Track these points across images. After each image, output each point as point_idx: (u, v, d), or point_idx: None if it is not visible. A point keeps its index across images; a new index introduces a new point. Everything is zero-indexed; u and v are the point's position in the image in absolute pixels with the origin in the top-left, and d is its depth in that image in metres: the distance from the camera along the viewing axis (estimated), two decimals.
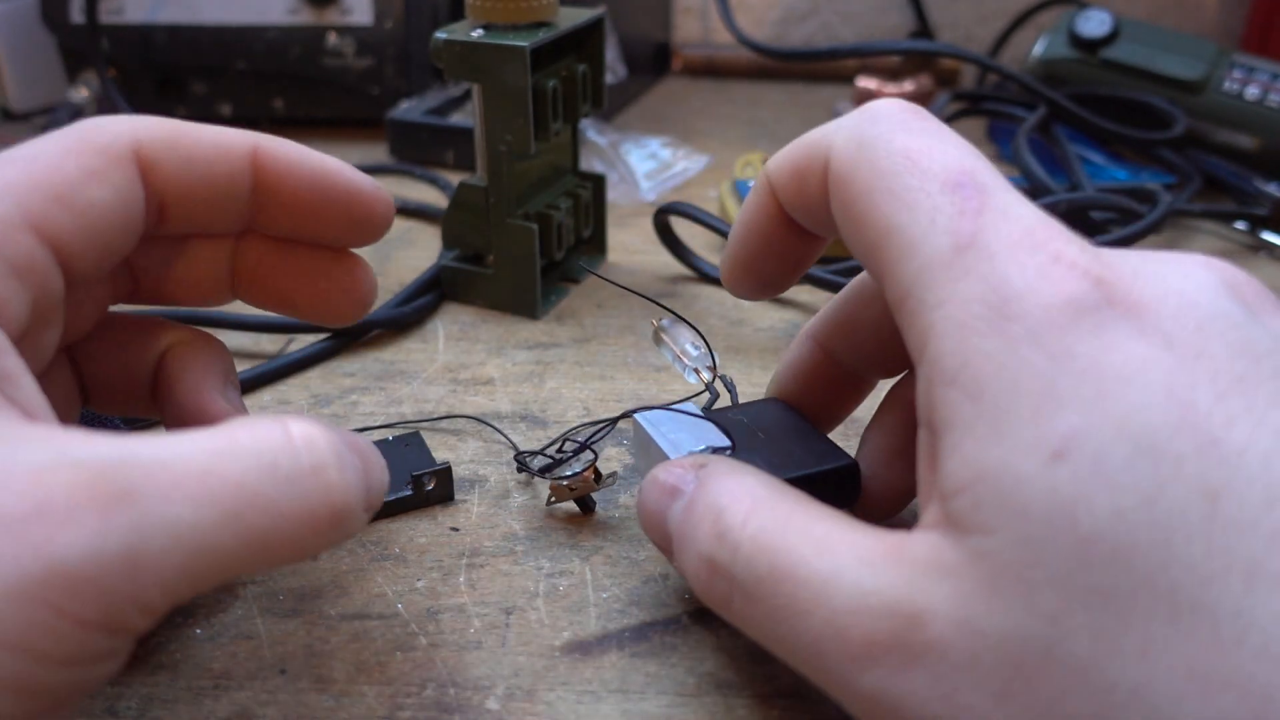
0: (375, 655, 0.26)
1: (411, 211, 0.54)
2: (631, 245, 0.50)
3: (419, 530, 0.30)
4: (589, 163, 0.57)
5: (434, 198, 0.56)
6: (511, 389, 0.37)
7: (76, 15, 0.63)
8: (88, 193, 0.23)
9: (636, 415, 0.29)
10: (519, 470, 0.32)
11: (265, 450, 0.20)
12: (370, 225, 0.28)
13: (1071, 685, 0.17)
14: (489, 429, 0.35)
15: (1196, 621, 0.16)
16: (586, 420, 0.36)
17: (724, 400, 0.31)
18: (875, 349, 0.28)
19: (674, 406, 0.29)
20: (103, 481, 0.18)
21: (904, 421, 0.28)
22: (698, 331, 0.31)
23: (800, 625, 0.20)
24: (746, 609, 0.21)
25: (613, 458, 0.34)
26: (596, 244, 0.48)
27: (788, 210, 0.25)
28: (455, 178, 0.57)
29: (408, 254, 0.49)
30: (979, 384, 0.18)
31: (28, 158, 0.23)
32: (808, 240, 0.26)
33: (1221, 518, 0.17)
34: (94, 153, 0.23)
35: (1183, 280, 0.19)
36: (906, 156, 0.21)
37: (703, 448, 0.27)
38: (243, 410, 0.28)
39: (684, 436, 0.28)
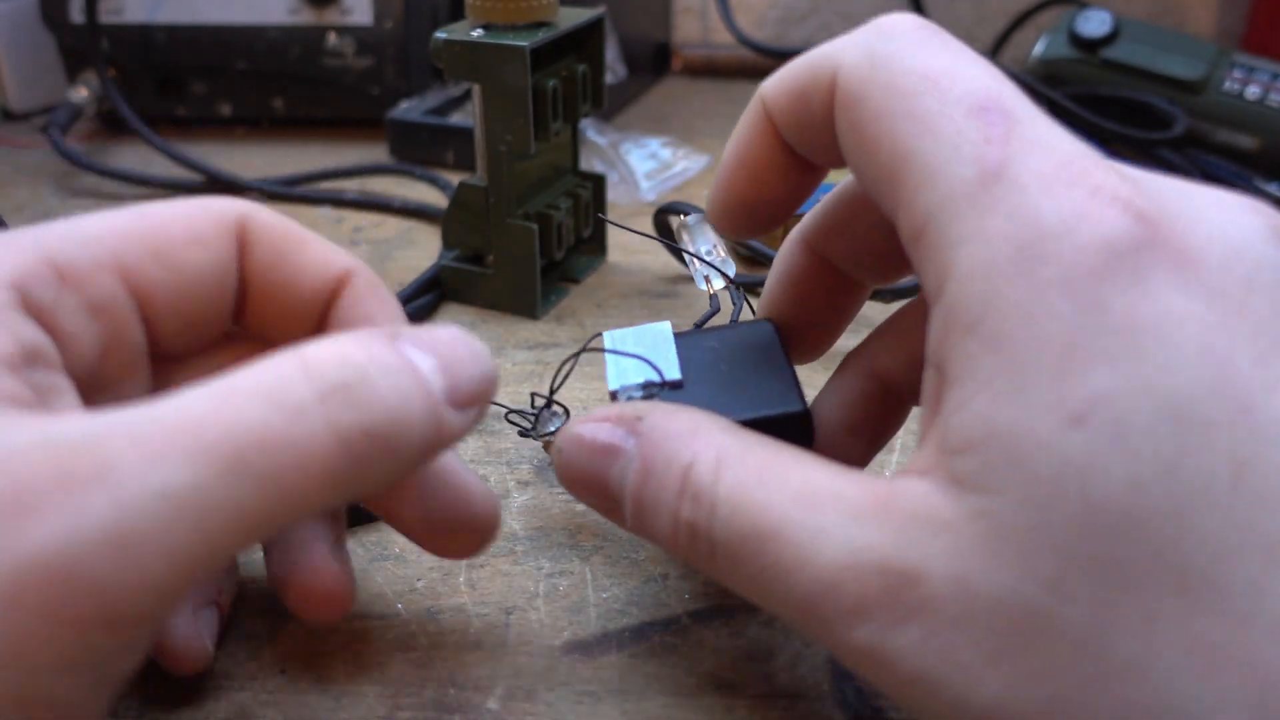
0: (375, 655, 0.26)
1: (411, 211, 0.54)
2: (631, 245, 0.50)
3: None
4: (589, 163, 0.57)
5: (434, 198, 0.56)
6: (511, 389, 0.37)
7: (76, 15, 0.63)
8: (185, 254, 0.23)
9: (604, 334, 0.27)
10: (521, 435, 0.31)
11: (269, 385, 0.18)
12: None
13: (1067, 652, 0.16)
14: (489, 429, 0.35)
15: (1206, 597, 0.16)
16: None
17: (723, 316, 0.29)
18: (874, 251, 0.25)
19: (648, 325, 0.27)
20: (75, 459, 0.16)
21: (863, 394, 0.26)
22: (722, 239, 0.29)
23: (789, 583, 0.19)
24: (731, 568, 0.20)
25: None
26: (596, 244, 0.48)
27: (785, 137, 0.23)
28: (455, 178, 0.57)
29: (408, 254, 0.49)
30: (1001, 335, 0.17)
31: (141, 211, 0.23)
32: (805, 171, 0.24)
33: (1246, 491, 0.16)
34: (202, 218, 0.23)
35: (1230, 224, 0.18)
36: (925, 76, 0.19)
37: (641, 380, 0.25)
38: None
39: (635, 365, 0.25)
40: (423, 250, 0.50)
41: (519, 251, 0.42)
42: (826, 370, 0.28)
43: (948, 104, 0.19)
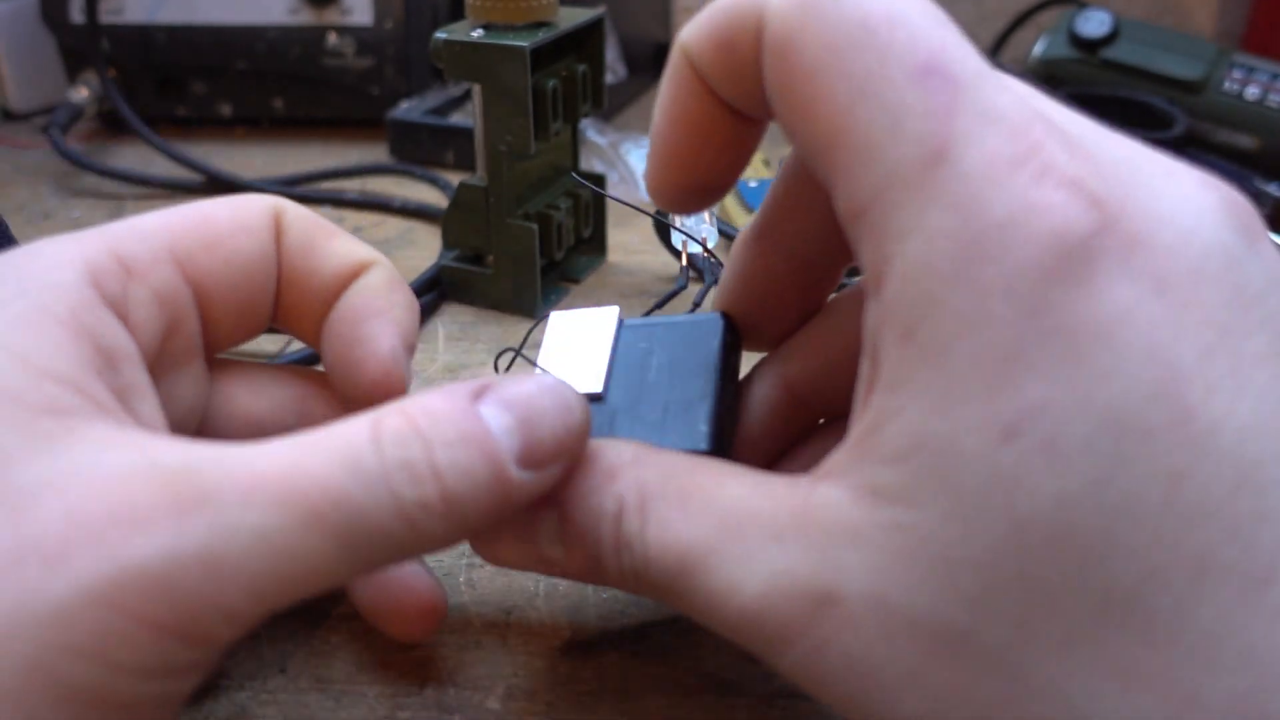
0: (375, 655, 0.26)
1: (411, 211, 0.54)
2: (631, 245, 0.50)
3: None
4: (589, 163, 0.57)
5: (434, 198, 0.56)
6: None
7: (76, 15, 0.63)
8: (235, 242, 0.23)
9: (551, 316, 0.27)
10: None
11: (349, 449, 0.18)
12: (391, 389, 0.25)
13: (985, 672, 0.16)
14: None
15: (1128, 617, 0.16)
16: None
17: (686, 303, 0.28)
18: (831, 231, 0.22)
19: (597, 310, 0.26)
20: (180, 483, 0.17)
21: (773, 404, 0.25)
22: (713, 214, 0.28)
23: (723, 614, 0.19)
24: (677, 605, 0.20)
25: None
26: (596, 244, 0.48)
27: (715, 90, 0.21)
28: (455, 178, 0.57)
29: (408, 254, 0.49)
30: (937, 345, 0.16)
31: (191, 206, 0.24)
32: (745, 125, 0.21)
33: (1180, 504, 0.15)
34: (243, 208, 0.24)
35: (1183, 203, 0.17)
36: (864, 27, 0.17)
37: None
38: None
39: (564, 363, 0.25)
40: (423, 250, 0.50)
41: (519, 251, 0.42)
42: None
43: (888, 64, 0.17)
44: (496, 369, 0.27)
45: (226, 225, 0.23)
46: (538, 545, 0.21)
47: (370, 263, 0.25)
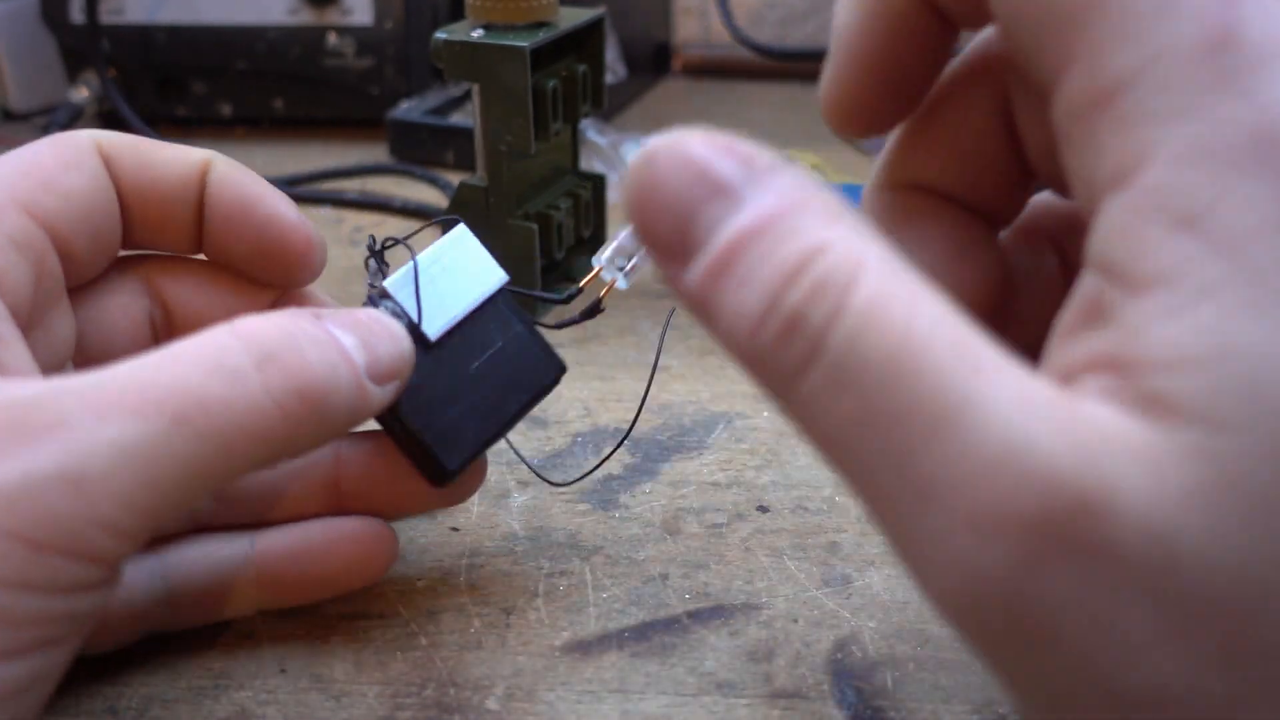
0: (375, 655, 0.26)
1: (411, 211, 0.54)
2: None
3: (419, 530, 0.30)
4: (589, 163, 0.57)
5: (434, 198, 0.56)
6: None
7: (77, 15, 0.63)
8: (67, 180, 0.24)
9: (460, 229, 0.27)
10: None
11: (208, 352, 0.20)
12: (295, 259, 0.26)
13: None
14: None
15: None
16: (586, 421, 0.36)
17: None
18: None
19: (491, 262, 0.27)
20: (33, 413, 0.18)
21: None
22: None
23: (908, 449, 0.14)
24: (828, 396, 0.15)
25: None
26: (597, 244, 0.48)
27: None
28: (455, 178, 0.57)
29: (408, 254, 0.49)
30: (1235, 236, 0.14)
31: (10, 156, 0.24)
32: (943, 30, 0.19)
33: None
34: (65, 146, 0.24)
35: None
36: None
37: (405, 308, 0.25)
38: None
39: (425, 284, 0.25)
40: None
41: (519, 251, 0.42)
42: None
43: None
44: (371, 251, 0.27)
45: (56, 165, 0.24)
46: (693, 221, 0.17)
47: (209, 158, 0.26)
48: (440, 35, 0.40)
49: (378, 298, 0.25)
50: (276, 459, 0.21)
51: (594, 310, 0.28)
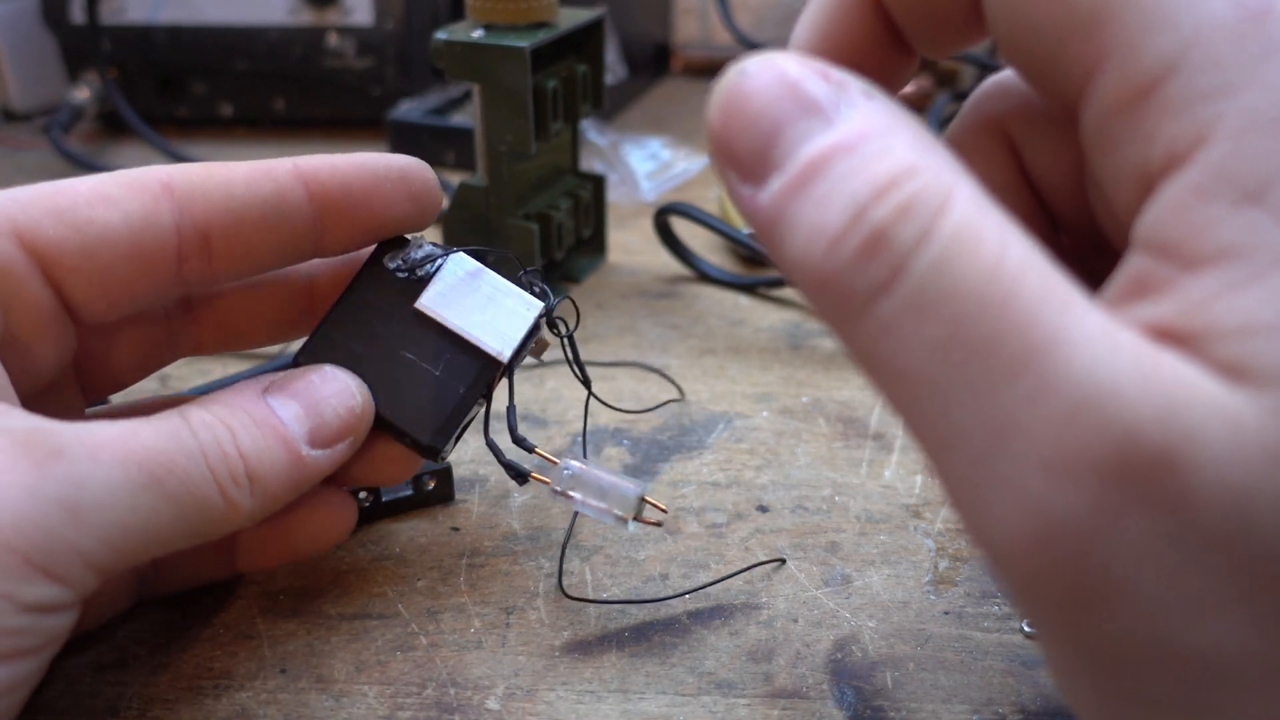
0: (375, 655, 0.26)
1: None
2: (631, 245, 0.50)
3: (419, 530, 0.30)
4: (589, 163, 0.57)
5: None
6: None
7: (77, 15, 0.63)
8: (89, 211, 0.23)
9: (534, 303, 0.27)
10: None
11: (172, 428, 0.21)
12: (423, 194, 0.27)
13: None
14: (492, 429, 0.35)
15: None
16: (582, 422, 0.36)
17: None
18: (945, 13, 0.19)
19: (517, 301, 0.27)
20: (35, 440, 0.19)
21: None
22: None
23: (989, 382, 0.14)
24: (909, 321, 0.15)
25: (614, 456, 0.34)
26: (596, 244, 0.48)
27: (895, 12, 0.19)
28: (455, 178, 0.57)
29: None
30: None
31: (52, 183, 0.23)
32: (900, 55, 0.19)
33: None
34: (115, 181, 0.23)
35: None
36: None
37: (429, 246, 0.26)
38: None
39: (470, 292, 0.26)
40: None
41: (519, 251, 0.42)
42: (828, 371, 0.28)
43: None
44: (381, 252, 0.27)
45: (85, 195, 0.23)
46: (777, 135, 0.16)
47: (295, 163, 0.26)
48: (440, 35, 0.40)
49: (441, 249, 0.27)
50: (221, 532, 0.22)
51: (520, 476, 0.28)
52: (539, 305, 0.27)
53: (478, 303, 0.26)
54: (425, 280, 0.26)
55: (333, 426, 0.24)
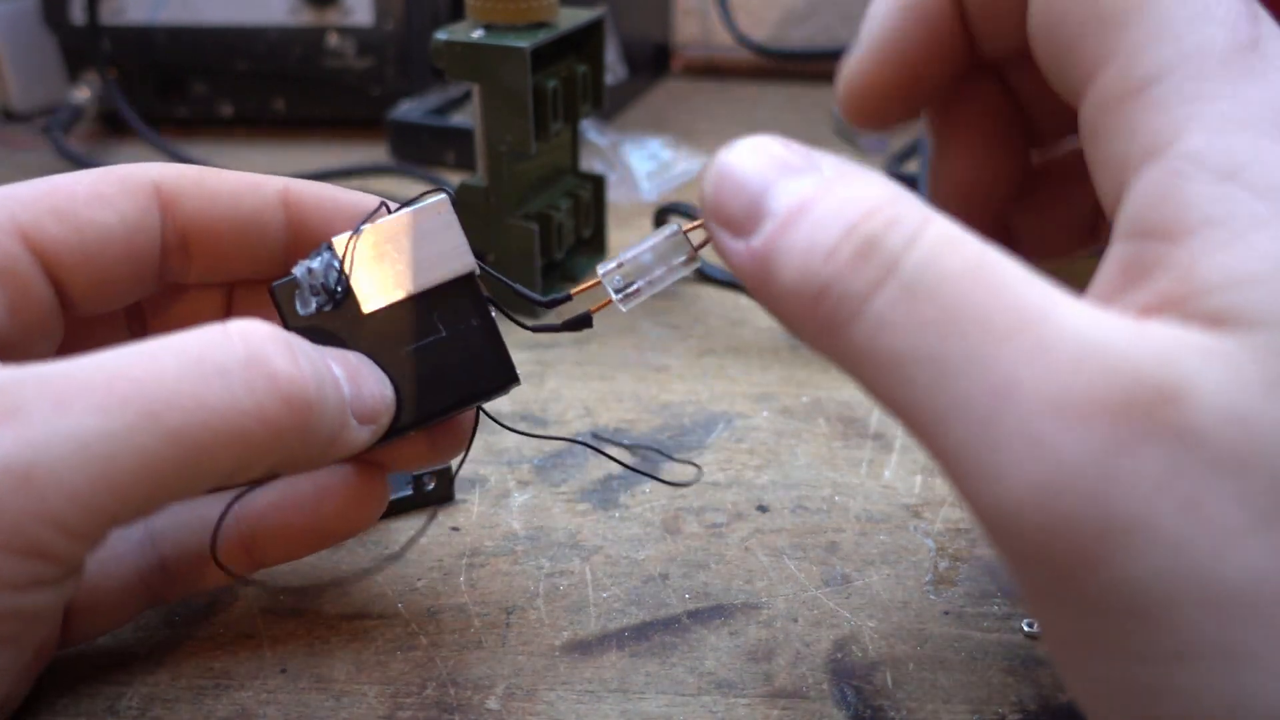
0: (375, 655, 0.26)
1: None
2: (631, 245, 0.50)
3: (419, 530, 0.30)
4: (589, 163, 0.57)
5: None
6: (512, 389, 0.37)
7: (78, 16, 0.63)
8: (88, 212, 0.23)
9: (439, 199, 0.25)
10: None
11: (192, 346, 0.19)
12: None
13: None
14: (489, 428, 0.35)
15: None
16: (586, 421, 0.36)
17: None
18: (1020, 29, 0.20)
19: (463, 249, 0.25)
20: None
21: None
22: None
23: (988, 348, 0.15)
24: (897, 310, 0.16)
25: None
26: (597, 244, 0.48)
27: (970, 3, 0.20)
28: (455, 178, 0.57)
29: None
30: (1274, 182, 0.15)
31: (46, 179, 0.23)
32: (967, 41, 0.21)
33: None
34: (109, 181, 0.23)
35: None
36: None
37: (321, 260, 0.24)
38: None
39: (393, 254, 0.24)
40: None
41: (519, 251, 0.42)
42: (828, 371, 0.27)
43: None
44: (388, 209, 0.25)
45: (82, 195, 0.23)
46: (766, 190, 0.18)
47: (286, 186, 0.25)
48: (440, 36, 0.40)
49: (322, 249, 0.24)
50: (250, 472, 0.20)
51: (581, 322, 0.26)
52: (443, 197, 0.25)
53: (404, 253, 0.24)
54: (345, 284, 0.24)
55: (367, 403, 0.22)
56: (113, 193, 0.23)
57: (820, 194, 0.17)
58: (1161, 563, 0.14)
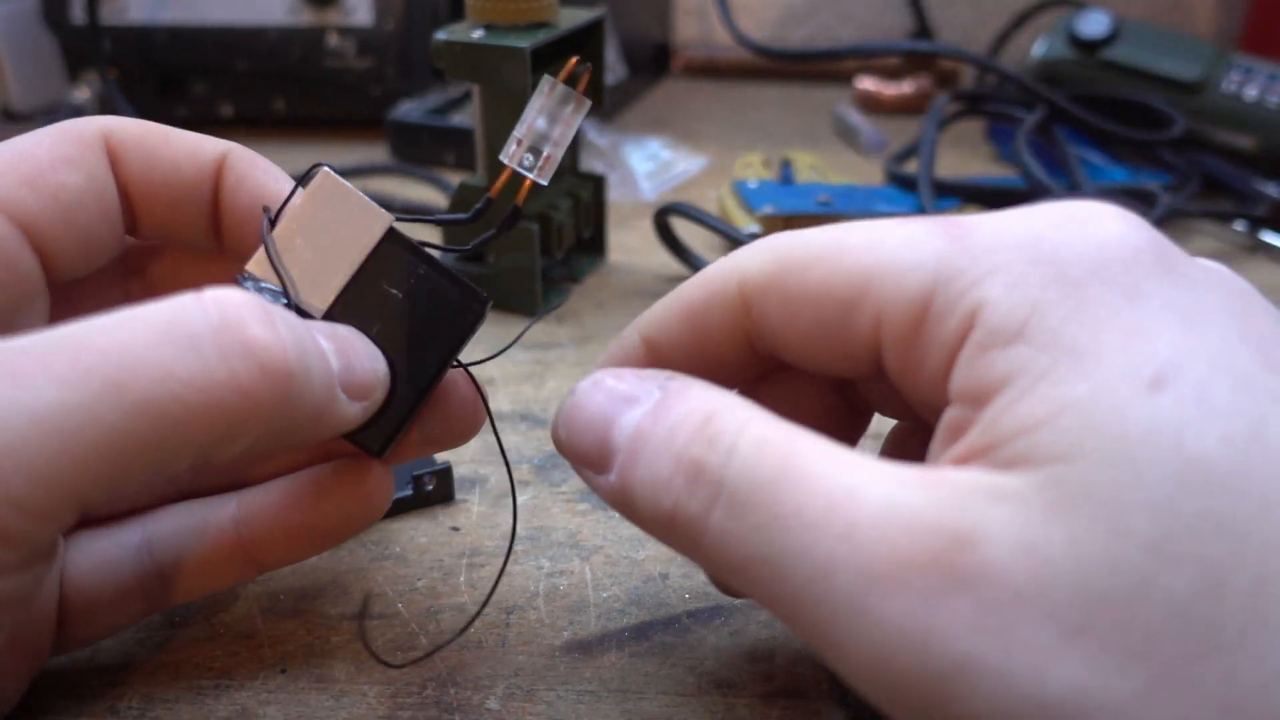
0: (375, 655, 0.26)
1: (413, 211, 0.54)
2: (631, 245, 0.50)
3: (419, 530, 0.30)
4: (589, 163, 0.58)
5: (434, 198, 0.56)
6: (512, 389, 0.38)
7: (78, 15, 0.63)
8: (58, 176, 0.22)
9: (322, 173, 0.24)
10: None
11: (163, 315, 0.18)
12: None
13: (1168, 625, 0.15)
14: (488, 428, 0.35)
15: None
16: None
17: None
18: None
19: (368, 205, 0.24)
20: None
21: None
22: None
23: (807, 539, 0.16)
24: (730, 522, 0.18)
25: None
26: (596, 244, 0.48)
27: (755, 338, 0.22)
28: (455, 178, 0.57)
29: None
30: (1050, 331, 0.17)
31: (4, 146, 0.23)
32: (757, 362, 0.23)
33: None
34: (66, 140, 0.23)
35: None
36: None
37: (273, 286, 0.22)
38: None
39: (301, 250, 0.23)
40: None
41: (519, 251, 0.42)
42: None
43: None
44: (270, 223, 0.24)
45: (49, 159, 0.22)
46: (611, 429, 0.20)
47: (225, 152, 0.24)
48: (440, 36, 0.40)
49: (243, 279, 0.22)
50: (231, 445, 0.18)
51: (513, 219, 0.25)
52: (325, 169, 0.24)
53: (322, 240, 0.23)
54: (291, 300, 0.22)
55: (358, 378, 0.21)
56: (74, 152, 0.23)
57: (651, 423, 0.19)
58: (992, 693, 0.15)
